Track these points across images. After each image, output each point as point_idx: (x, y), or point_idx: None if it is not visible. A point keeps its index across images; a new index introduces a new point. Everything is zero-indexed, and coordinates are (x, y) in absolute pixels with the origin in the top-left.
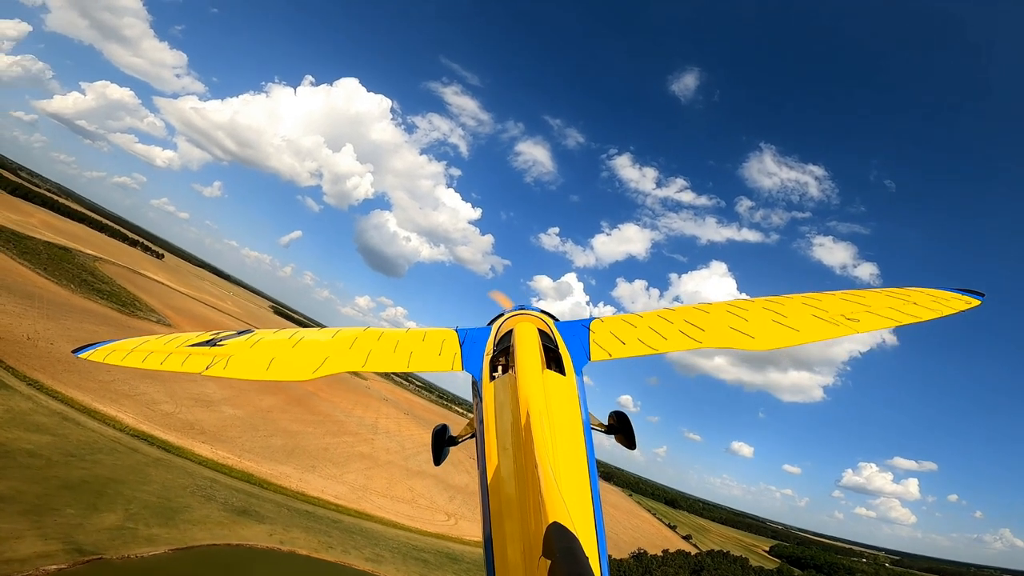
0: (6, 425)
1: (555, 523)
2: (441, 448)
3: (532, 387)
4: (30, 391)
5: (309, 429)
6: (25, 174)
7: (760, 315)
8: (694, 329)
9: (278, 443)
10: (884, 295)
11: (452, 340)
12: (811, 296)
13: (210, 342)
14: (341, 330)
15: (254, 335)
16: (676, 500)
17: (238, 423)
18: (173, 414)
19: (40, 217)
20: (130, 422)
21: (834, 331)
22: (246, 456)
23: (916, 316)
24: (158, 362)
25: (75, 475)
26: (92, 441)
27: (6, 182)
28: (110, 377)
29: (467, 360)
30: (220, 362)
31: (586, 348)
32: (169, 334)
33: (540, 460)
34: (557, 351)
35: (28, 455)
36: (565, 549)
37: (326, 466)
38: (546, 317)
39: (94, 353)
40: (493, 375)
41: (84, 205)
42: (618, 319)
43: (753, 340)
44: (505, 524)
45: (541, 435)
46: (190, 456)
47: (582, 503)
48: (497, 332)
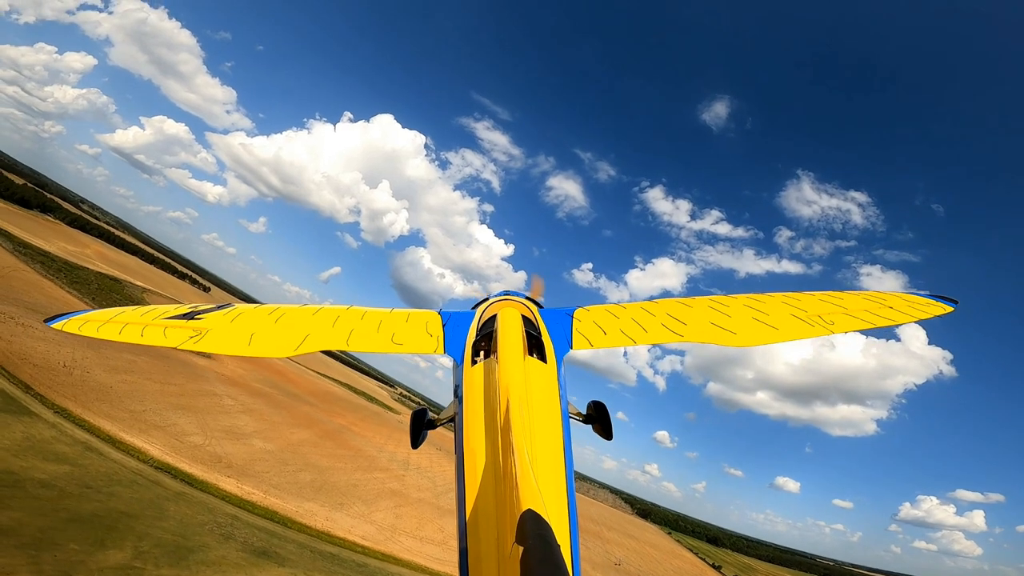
0: (22, 453)
1: (529, 510)
2: (419, 431)
3: (513, 373)
4: (56, 419)
5: (339, 464)
6: (87, 206)
7: (741, 312)
8: (676, 323)
9: (306, 478)
10: (861, 298)
11: (436, 323)
12: (791, 295)
13: (188, 315)
14: (323, 307)
15: (234, 309)
16: (718, 537)
17: (267, 457)
18: (202, 446)
19: (95, 248)
20: (156, 454)
21: (811, 331)
22: (272, 492)
23: (891, 320)
24: (135, 335)
25: (87, 508)
26: (112, 473)
27: (66, 213)
28: (142, 407)
29: (449, 343)
30: (198, 336)
31: (568, 337)
32: (145, 306)
33: (517, 447)
34: (540, 338)
35: (40, 485)
36: (538, 536)
37: (355, 504)
38: (530, 304)
39: (68, 323)
40: (475, 359)
41: (139, 238)
42: (602, 309)
43: (734, 336)
44: (480, 509)
45: (519, 422)
46: (214, 491)
47: (557, 491)
48: (481, 316)
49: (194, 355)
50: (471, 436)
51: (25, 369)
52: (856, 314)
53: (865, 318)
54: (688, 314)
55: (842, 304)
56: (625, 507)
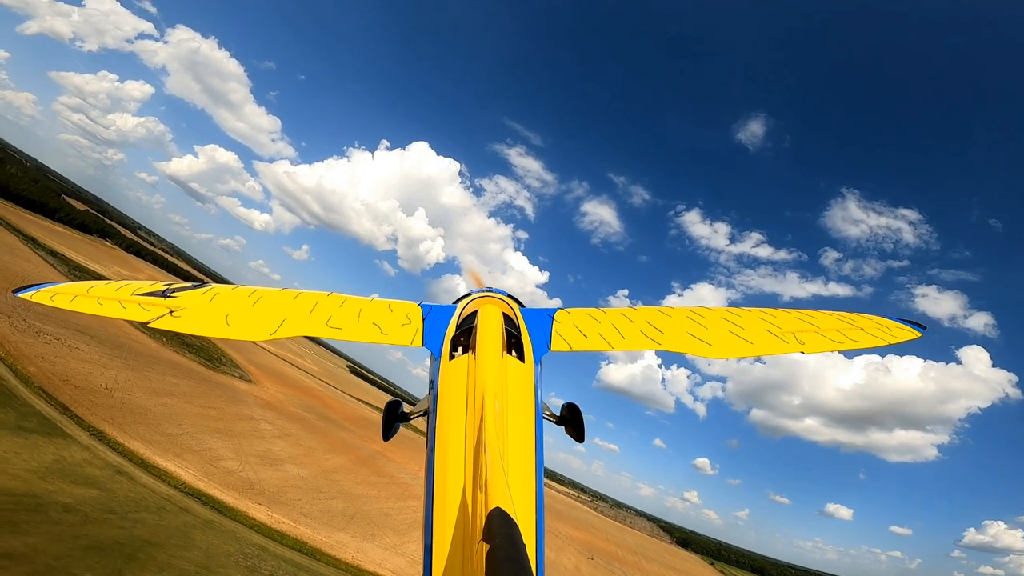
0: (49, 476)
1: (497, 508)
2: (392, 423)
3: (490, 370)
4: (91, 441)
5: (373, 492)
6: (143, 233)
7: (719, 324)
8: (654, 331)
9: (339, 507)
10: (834, 318)
11: (416, 315)
12: (768, 311)
13: (162, 292)
14: (303, 292)
15: (211, 289)
16: (764, 567)
17: (301, 484)
18: (235, 472)
19: (148, 273)
20: (188, 479)
21: (784, 347)
22: (302, 520)
23: (860, 342)
24: (106, 309)
25: (109, 535)
26: (141, 498)
27: (123, 239)
28: (179, 430)
29: (428, 336)
30: (171, 314)
31: (548, 337)
32: (119, 281)
33: (489, 444)
34: (519, 337)
35: (63, 510)
36: (505, 535)
37: (386, 534)
38: (512, 302)
39: (37, 294)
40: (453, 354)
41: (191, 264)
42: (583, 313)
43: (710, 348)
44: (448, 504)
45: (493, 420)
46: (243, 519)
47: (526, 491)
48: (461, 312)
49: (236, 379)
50: (444, 431)
51: (66, 390)
52: (827, 334)
53: (835, 338)
54: (667, 323)
55: (815, 323)
56: (664, 535)
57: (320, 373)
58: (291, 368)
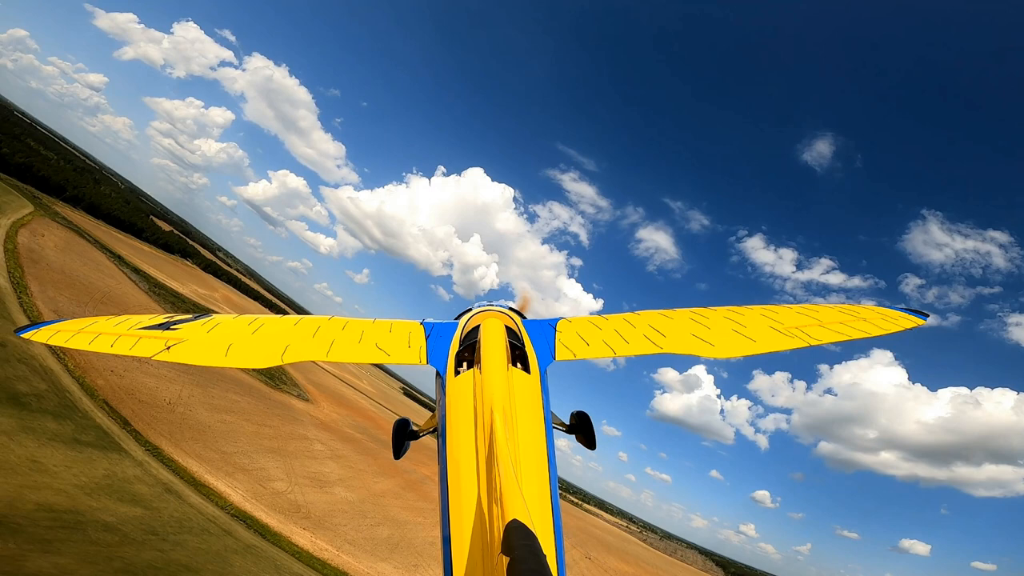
0: (95, 492)
1: (515, 520)
2: (402, 442)
3: (496, 384)
4: (145, 457)
5: (419, 519)
6: (222, 254)
7: (721, 324)
8: (656, 334)
9: (384, 534)
10: (836, 310)
11: (418, 333)
12: (769, 308)
13: (163, 325)
14: (304, 318)
15: (212, 319)
16: None
17: (347, 508)
18: (283, 493)
19: (223, 292)
20: (236, 499)
21: (788, 342)
22: (345, 548)
23: (865, 332)
24: (106, 345)
25: (145, 557)
26: (185, 518)
27: (203, 259)
28: (234, 448)
29: (432, 354)
30: (173, 347)
31: (551, 347)
32: (120, 316)
33: (501, 457)
34: (523, 349)
35: (103, 528)
36: (524, 547)
37: (430, 565)
38: (513, 314)
39: (38, 333)
40: (458, 370)
41: (262, 285)
42: (585, 320)
43: (713, 348)
44: (464, 520)
45: (503, 432)
46: (285, 545)
47: (541, 501)
48: (464, 327)
49: (294, 397)
50: (455, 447)
51: (129, 404)
52: (830, 326)
53: (839, 330)
54: (669, 326)
55: (817, 317)
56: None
57: (375, 394)
58: (348, 389)
